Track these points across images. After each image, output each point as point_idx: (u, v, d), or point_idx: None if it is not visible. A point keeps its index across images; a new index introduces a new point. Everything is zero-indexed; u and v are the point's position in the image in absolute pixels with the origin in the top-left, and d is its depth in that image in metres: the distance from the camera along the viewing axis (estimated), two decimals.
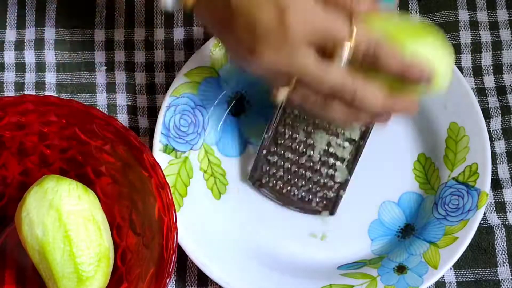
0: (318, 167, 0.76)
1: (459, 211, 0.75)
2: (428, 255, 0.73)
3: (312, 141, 0.76)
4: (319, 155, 0.76)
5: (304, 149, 0.76)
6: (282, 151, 0.77)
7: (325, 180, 0.76)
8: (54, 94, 0.81)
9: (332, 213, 0.77)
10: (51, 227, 0.68)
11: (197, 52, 0.78)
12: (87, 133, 0.71)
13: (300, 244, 0.76)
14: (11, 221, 0.74)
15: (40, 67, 0.82)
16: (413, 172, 0.78)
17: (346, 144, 0.76)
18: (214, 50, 0.78)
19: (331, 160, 0.76)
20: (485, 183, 0.75)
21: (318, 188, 0.76)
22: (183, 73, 0.78)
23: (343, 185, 0.76)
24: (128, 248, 0.73)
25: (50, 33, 0.82)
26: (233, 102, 0.79)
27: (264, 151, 0.77)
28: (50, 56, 0.82)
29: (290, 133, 0.76)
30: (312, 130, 0.76)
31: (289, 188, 0.77)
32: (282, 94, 0.66)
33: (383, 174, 0.78)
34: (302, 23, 0.62)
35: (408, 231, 0.77)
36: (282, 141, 0.76)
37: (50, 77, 0.81)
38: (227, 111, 0.79)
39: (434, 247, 0.74)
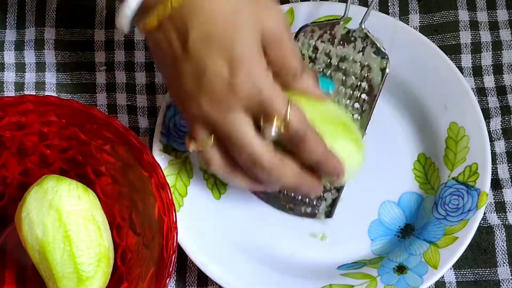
0: None
1: (459, 211, 0.75)
2: (428, 255, 0.73)
3: None
4: None
5: None
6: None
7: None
8: (54, 94, 0.81)
9: (329, 216, 0.77)
10: (51, 227, 0.68)
11: None
12: (87, 133, 0.71)
13: (300, 244, 0.76)
14: (11, 221, 0.74)
15: (40, 67, 0.82)
16: (413, 172, 0.78)
17: None
18: None
19: None
20: (485, 183, 0.75)
21: None
22: None
23: (340, 187, 0.76)
24: (128, 248, 0.73)
25: (50, 33, 0.82)
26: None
27: None
28: (50, 56, 0.82)
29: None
30: None
31: (285, 192, 0.77)
32: (194, 145, 0.68)
33: (383, 174, 0.78)
34: (249, 86, 0.64)
35: (408, 231, 0.77)
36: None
37: (50, 77, 0.81)
38: None
39: (434, 247, 0.74)
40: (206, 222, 0.76)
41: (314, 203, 0.76)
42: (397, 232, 0.77)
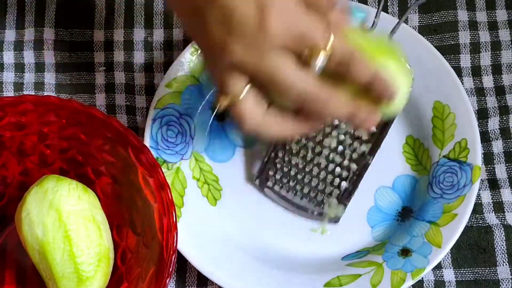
0: (325, 175, 0.76)
1: (454, 188, 0.75)
2: (430, 235, 0.74)
3: (320, 149, 0.76)
4: (326, 163, 0.76)
5: (312, 156, 0.76)
6: (290, 156, 0.76)
7: (331, 188, 0.76)
8: (53, 94, 0.81)
9: (336, 221, 0.77)
10: (51, 227, 0.68)
11: (175, 61, 0.78)
12: (87, 133, 0.71)
13: (302, 240, 0.77)
14: (11, 221, 0.74)
15: (39, 67, 0.82)
16: (404, 155, 0.78)
17: (355, 155, 0.76)
18: (192, 57, 0.78)
19: (338, 170, 0.76)
20: (476, 157, 0.75)
21: (323, 196, 0.77)
22: (164, 84, 0.78)
23: (350, 194, 0.76)
24: (128, 248, 0.73)
25: (49, 34, 0.82)
26: (217, 107, 0.79)
27: (272, 155, 0.77)
28: (49, 57, 0.82)
29: (299, 138, 0.76)
30: (322, 138, 0.76)
31: (294, 193, 0.77)
32: (226, 99, 0.62)
33: (375, 161, 0.77)
34: (282, 24, 0.60)
35: (406, 214, 0.77)
36: (291, 147, 0.76)
37: (49, 78, 0.81)
38: (212, 117, 0.79)
39: (435, 226, 0.74)
40: (205, 229, 0.76)
41: (322, 207, 0.76)
42: (395, 216, 0.77)
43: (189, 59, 0.78)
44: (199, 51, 0.78)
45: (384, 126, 0.75)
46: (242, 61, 0.60)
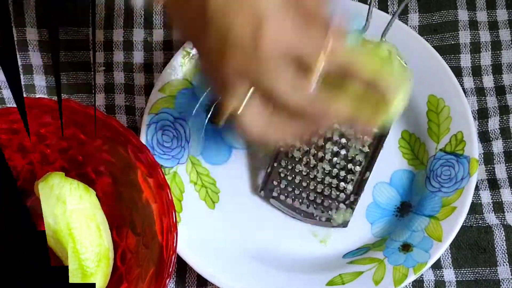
0: (330, 180, 0.76)
1: (452, 181, 0.75)
2: (430, 229, 0.74)
3: (323, 155, 0.76)
4: (330, 169, 0.76)
5: (315, 162, 0.76)
6: (293, 165, 0.76)
7: (337, 193, 0.76)
8: (45, 96, 0.80)
9: (345, 225, 0.77)
10: (61, 217, 0.68)
11: (167, 65, 0.78)
12: (86, 133, 0.71)
13: (302, 240, 0.76)
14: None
15: (27, 69, 0.81)
16: (400, 150, 0.78)
17: (358, 157, 0.76)
18: (184, 60, 0.78)
19: (343, 173, 0.76)
20: (473, 150, 0.75)
21: (330, 202, 0.76)
22: (157, 89, 0.77)
23: (356, 196, 0.76)
24: (128, 248, 0.73)
25: (32, 34, 0.82)
26: (211, 110, 0.79)
27: (275, 165, 0.76)
28: (35, 58, 0.81)
29: (301, 146, 0.76)
30: (323, 144, 0.76)
31: (300, 201, 0.77)
32: (228, 110, 0.63)
33: None
34: (277, 39, 0.60)
35: (405, 209, 0.77)
36: (293, 155, 0.76)
37: (39, 80, 0.81)
38: (206, 120, 0.79)
39: (434, 220, 0.74)
40: (205, 233, 0.76)
41: (329, 213, 0.76)
42: (394, 212, 0.77)
43: (181, 63, 0.78)
44: (191, 55, 0.78)
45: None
46: (241, 72, 0.61)
